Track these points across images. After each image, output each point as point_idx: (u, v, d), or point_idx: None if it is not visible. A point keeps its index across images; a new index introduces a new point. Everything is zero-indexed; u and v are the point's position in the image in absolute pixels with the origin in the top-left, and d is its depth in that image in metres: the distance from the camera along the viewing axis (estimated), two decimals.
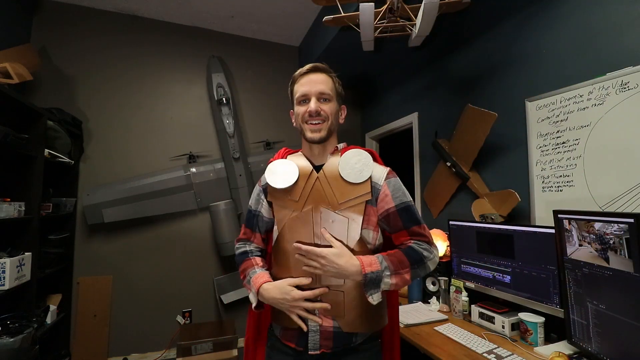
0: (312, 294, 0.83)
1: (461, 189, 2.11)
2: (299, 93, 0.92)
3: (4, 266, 1.62)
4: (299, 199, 0.90)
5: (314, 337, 0.84)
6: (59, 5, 2.60)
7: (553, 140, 1.53)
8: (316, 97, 0.90)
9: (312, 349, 0.84)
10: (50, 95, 2.50)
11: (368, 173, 0.87)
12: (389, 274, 0.80)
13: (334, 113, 0.93)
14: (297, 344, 0.86)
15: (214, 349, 2.45)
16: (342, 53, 2.69)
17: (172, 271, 2.77)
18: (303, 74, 0.93)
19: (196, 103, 2.97)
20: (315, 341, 0.84)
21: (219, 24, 3.00)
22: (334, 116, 0.93)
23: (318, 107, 0.89)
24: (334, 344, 0.84)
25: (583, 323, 1.12)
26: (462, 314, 1.63)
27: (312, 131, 0.90)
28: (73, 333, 2.46)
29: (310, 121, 0.90)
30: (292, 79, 0.97)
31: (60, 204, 2.30)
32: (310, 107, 0.89)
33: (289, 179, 0.91)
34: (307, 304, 0.82)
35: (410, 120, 2.74)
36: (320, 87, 0.90)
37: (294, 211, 0.89)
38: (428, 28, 1.64)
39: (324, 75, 0.93)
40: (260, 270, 0.93)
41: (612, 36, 1.32)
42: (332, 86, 0.93)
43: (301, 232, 0.88)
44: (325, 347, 0.84)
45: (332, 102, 0.92)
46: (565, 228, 1.20)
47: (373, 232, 0.89)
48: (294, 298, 0.82)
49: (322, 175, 0.91)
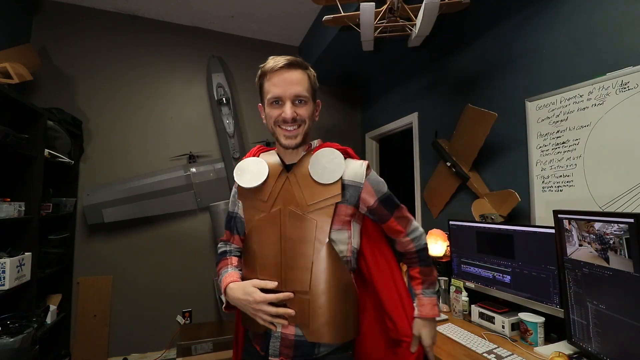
0: (276, 298, 0.78)
1: (461, 189, 2.11)
2: (271, 94, 0.82)
3: (4, 266, 1.62)
4: (267, 199, 0.86)
5: (274, 344, 0.81)
6: (59, 5, 2.60)
7: (553, 140, 1.53)
8: (291, 101, 0.81)
9: (272, 355, 0.81)
10: (50, 95, 2.50)
11: (339, 174, 0.82)
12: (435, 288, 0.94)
13: (311, 115, 0.86)
14: (261, 348, 0.84)
15: (214, 349, 2.44)
16: (342, 53, 2.69)
17: (172, 271, 2.77)
18: (276, 71, 0.81)
19: (196, 103, 2.97)
20: (275, 347, 0.81)
21: (219, 24, 3.00)
22: (310, 118, 0.86)
23: (294, 112, 0.81)
24: (294, 353, 0.80)
25: (583, 323, 1.12)
26: (462, 314, 1.63)
27: (286, 137, 0.83)
28: (73, 333, 2.46)
29: (285, 127, 0.83)
30: (262, 72, 0.85)
31: (60, 204, 2.30)
32: (285, 114, 0.81)
33: (258, 178, 0.86)
34: (270, 308, 0.78)
35: (410, 120, 2.74)
36: (296, 89, 0.81)
37: (262, 212, 0.86)
38: (428, 28, 1.64)
39: (299, 72, 0.83)
40: (232, 270, 0.91)
41: (612, 36, 1.32)
42: (308, 85, 0.84)
43: (269, 233, 0.84)
44: (285, 356, 0.80)
45: (308, 103, 0.84)
46: (565, 228, 1.20)
47: (347, 231, 0.86)
48: (256, 300, 0.78)
49: (292, 175, 0.86)
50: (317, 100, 0.90)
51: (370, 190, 0.85)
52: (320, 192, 0.82)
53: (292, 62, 0.82)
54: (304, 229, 0.81)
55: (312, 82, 0.86)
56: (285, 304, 0.80)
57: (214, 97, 2.85)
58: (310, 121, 0.86)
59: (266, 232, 0.84)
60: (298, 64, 0.83)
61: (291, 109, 0.81)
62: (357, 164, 0.86)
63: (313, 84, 0.87)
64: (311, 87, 0.85)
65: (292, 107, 0.81)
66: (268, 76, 0.83)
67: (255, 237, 0.86)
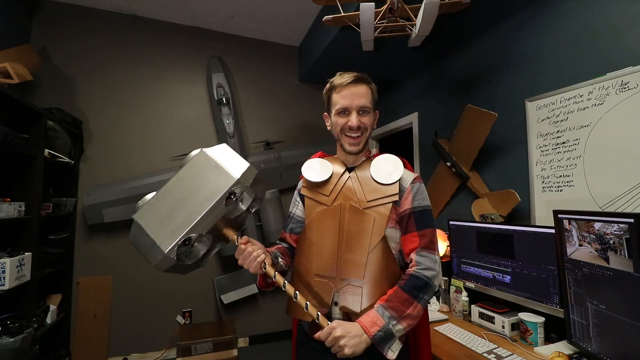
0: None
1: (461, 189, 2.11)
2: (339, 105, 0.93)
3: (4, 266, 1.62)
4: (329, 194, 0.95)
5: None
6: (59, 5, 2.60)
7: (553, 140, 1.53)
8: (357, 112, 0.92)
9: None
10: (50, 95, 2.50)
11: (398, 175, 0.91)
12: (396, 322, 0.78)
13: (372, 124, 0.97)
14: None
15: (214, 349, 2.45)
16: (342, 53, 2.69)
17: None
18: (344, 85, 0.93)
19: (196, 103, 2.97)
20: None
21: (219, 24, 3.00)
22: (371, 127, 0.97)
23: (359, 121, 0.92)
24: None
25: (583, 323, 1.12)
26: (462, 314, 1.63)
27: (350, 144, 0.95)
28: (73, 333, 2.46)
29: (350, 134, 0.94)
30: (331, 86, 0.97)
31: (60, 204, 2.30)
32: (351, 122, 0.92)
33: (323, 174, 0.97)
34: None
35: (410, 120, 2.74)
36: (362, 101, 0.92)
37: (324, 205, 0.95)
38: (428, 28, 1.64)
39: (365, 87, 0.94)
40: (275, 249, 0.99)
41: (612, 36, 1.32)
42: (371, 98, 0.95)
43: (329, 224, 0.92)
44: None
45: (370, 113, 0.95)
46: (565, 228, 1.20)
47: (399, 231, 0.92)
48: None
49: (354, 175, 0.96)
50: (376, 111, 0.99)
51: (409, 195, 0.91)
52: (379, 191, 0.91)
53: (358, 77, 0.93)
54: (363, 222, 0.89)
55: (374, 95, 0.97)
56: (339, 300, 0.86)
57: (214, 97, 2.85)
58: (371, 129, 0.96)
59: (326, 223, 0.93)
60: (364, 79, 0.94)
61: (357, 118, 0.92)
62: (408, 173, 0.95)
63: (374, 97, 0.97)
64: (373, 100, 0.96)
65: (357, 117, 0.92)
66: (337, 89, 0.94)
67: (315, 228, 0.94)
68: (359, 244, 0.87)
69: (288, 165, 3.03)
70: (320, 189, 0.97)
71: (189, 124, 2.93)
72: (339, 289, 0.86)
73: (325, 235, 0.92)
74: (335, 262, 0.88)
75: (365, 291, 0.85)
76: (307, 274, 0.92)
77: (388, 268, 0.87)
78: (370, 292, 0.84)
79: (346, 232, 0.89)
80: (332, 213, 0.92)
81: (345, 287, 0.86)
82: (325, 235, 0.92)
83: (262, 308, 3.04)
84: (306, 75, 3.20)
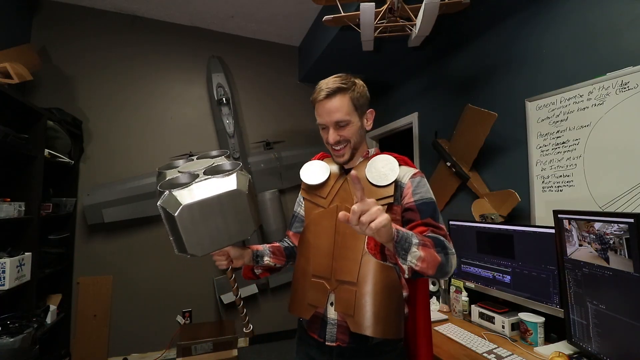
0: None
1: (461, 189, 2.11)
2: (318, 121, 0.94)
3: (4, 266, 1.62)
4: (327, 196, 0.97)
5: (331, 330, 0.88)
6: (59, 5, 2.60)
7: (553, 140, 1.53)
8: (333, 128, 0.92)
9: (329, 341, 0.88)
10: (50, 95, 2.50)
11: (393, 177, 0.88)
12: (417, 242, 0.70)
13: (355, 132, 0.93)
14: (318, 335, 0.91)
15: (214, 349, 2.44)
16: (342, 53, 2.69)
17: (172, 271, 2.76)
18: (318, 102, 0.91)
19: (196, 103, 2.97)
20: (332, 333, 0.88)
21: (219, 24, 3.00)
22: (356, 134, 0.94)
23: (336, 136, 0.92)
24: (350, 339, 0.86)
25: (583, 323, 1.12)
26: (462, 314, 1.63)
27: (336, 156, 0.96)
28: (73, 333, 2.46)
29: (334, 146, 0.94)
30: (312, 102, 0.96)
31: (60, 204, 2.30)
32: (329, 139, 0.93)
33: (320, 177, 0.99)
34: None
35: (410, 120, 2.74)
36: (336, 117, 0.89)
37: (321, 207, 0.97)
38: (428, 28, 1.64)
39: (339, 99, 0.89)
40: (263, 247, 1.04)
41: (612, 36, 1.32)
42: (349, 107, 0.90)
43: (325, 226, 0.94)
44: (341, 341, 0.87)
45: (350, 123, 0.91)
46: (565, 228, 1.20)
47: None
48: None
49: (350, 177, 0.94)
50: (367, 111, 0.96)
51: (409, 189, 0.89)
52: (374, 193, 0.89)
53: (333, 90, 0.89)
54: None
55: (355, 100, 0.91)
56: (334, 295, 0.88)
57: (214, 97, 2.85)
58: (356, 137, 0.94)
59: (322, 224, 0.94)
60: (339, 90, 0.89)
61: (334, 134, 0.91)
62: (407, 169, 0.93)
63: (355, 102, 0.91)
64: (353, 106, 0.91)
65: (334, 132, 0.91)
66: (315, 106, 0.94)
67: (312, 229, 0.96)
68: (353, 246, 0.88)
69: (288, 165, 3.03)
70: (318, 192, 0.99)
71: (189, 124, 2.93)
72: (334, 289, 0.88)
73: (321, 236, 0.94)
74: (330, 264, 0.90)
75: (359, 292, 0.85)
76: (305, 275, 0.94)
77: (382, 271, 0.86)
78: (363, 293, 0.85)
79: (341, 234, 0.90)
80: (328, 215, 0.94)
81: (340, 288, 0.87)
82: (322, 237, 0.93)
83: (262, 308, 3.04)
84: (306, 75, 3.20)
